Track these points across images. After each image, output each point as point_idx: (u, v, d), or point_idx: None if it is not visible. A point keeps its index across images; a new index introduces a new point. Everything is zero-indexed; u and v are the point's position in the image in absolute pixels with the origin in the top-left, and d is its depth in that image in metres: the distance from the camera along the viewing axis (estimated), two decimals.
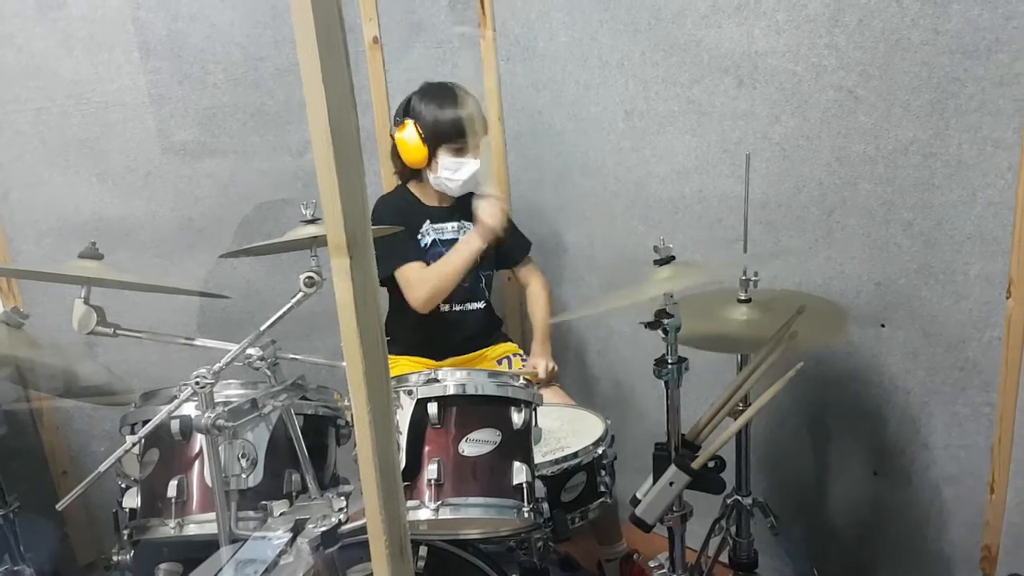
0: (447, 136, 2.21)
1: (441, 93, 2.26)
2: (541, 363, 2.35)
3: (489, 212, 2.22)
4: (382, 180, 2.72)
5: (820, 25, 1.86)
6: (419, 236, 2.34)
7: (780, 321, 1.68)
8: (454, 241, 2.35)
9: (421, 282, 2.24)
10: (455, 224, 2.38)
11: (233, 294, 2.40)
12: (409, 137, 2.23)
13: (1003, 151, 1.68)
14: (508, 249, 2.50)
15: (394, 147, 2.31)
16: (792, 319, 1.66)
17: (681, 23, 2.11)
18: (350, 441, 1.76)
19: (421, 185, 2.37)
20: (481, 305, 2.45)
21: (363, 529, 0.83)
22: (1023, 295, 1.72)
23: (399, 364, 2.36)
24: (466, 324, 2.42)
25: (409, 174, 2.36)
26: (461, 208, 2.39)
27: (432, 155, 2.24)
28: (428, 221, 2.35)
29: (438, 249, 2.34)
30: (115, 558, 1.56)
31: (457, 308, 2.40)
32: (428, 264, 2.31)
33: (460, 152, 2.23)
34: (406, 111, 2.27)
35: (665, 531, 1.72)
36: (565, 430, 2.00)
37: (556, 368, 2.39)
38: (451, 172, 2.24)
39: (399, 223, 2.23)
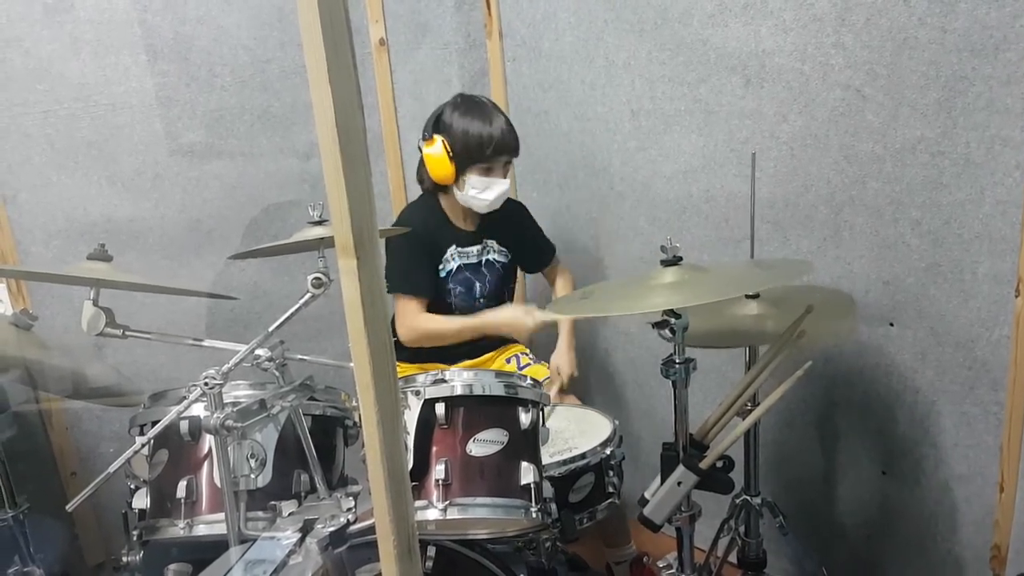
0: (476, 157, 2.15)
1: (473, 110, 2.19)
2: (565, 368, 2.29)
3: (519, 326, 2.20)
4: (388, 181, 2.73)
5: (827, 24, 1.86)
6: (443, 262, 2.29)
7: (788, 318, 1.68)
8: (477, 265, 2.33)
9: (415, 328, 2.23)
10: (478, 247, 2.34)
11: (241, 295, 2.41)
12: (437, 154, 2.16)
13: (1011, 149, 1.67)
14: (534, 255, 2.49)
15: (421, 161, 2.25)
16: (800, 319, 1.65)
17: (687, 22, 2.11)
18: (358, 441, 1.76)
19: (448, 197, 2.30)
20: (507, 306, 2.39)
21: (371, 529, 0.83)
22: None
23: (409, 373, 2.34)
24: (485, 337, 2.36)
25: (434, 187, 2.28)
26: (485, 228, 2.35)
27: (460, 173, 2.18)
28: (454, 245, 2.30)
29: (463, 275, 2.31)
30: (124, 559, 1.57)
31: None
32: (449, 291, 2.30)
33: (489, 172, 2.19)
34: (436, 125, 2.20)
35: (673, 531, 1.72)
36: (573, 430, 2.00)
37: (576, 375, 2.32)
38: (478, 191, 2.18)
39: (425, 242, 2.22)
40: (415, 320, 2.23)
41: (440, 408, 1.51)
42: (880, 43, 1.79)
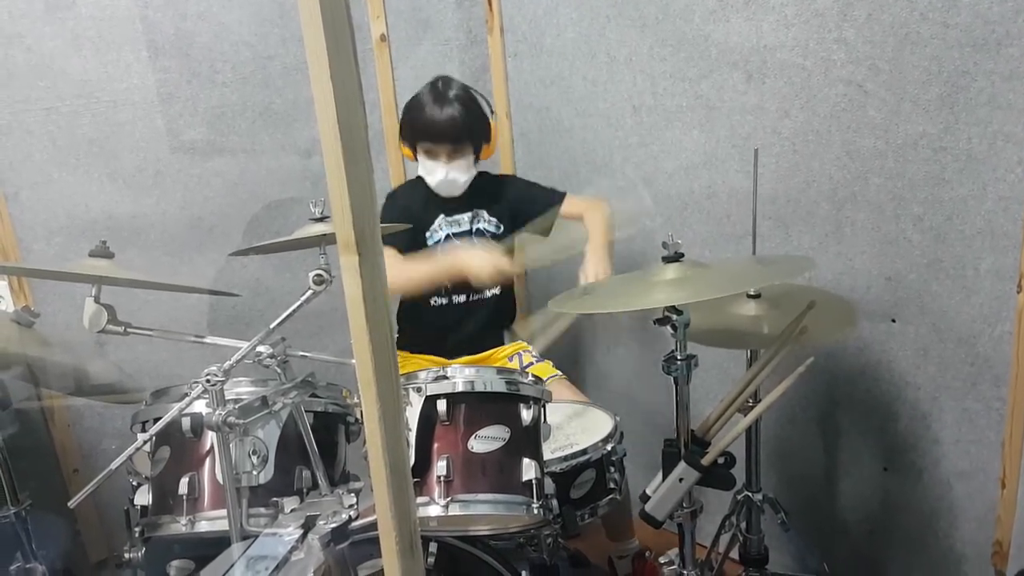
0: (415, 136, 2.19)
1: (428, 93, 2.18)
2: (591, 268, 2.07)
3: (479, 268, 2.07)
4: (390, 178, 2.73)
5: (829, 19, 1.85)
6: (431, 232, 2.28)
7: (789, 317, 1.68)
8: (468, 233, 2.31)
9: (388, 269, 2.19)
10: (469, 215, 2.32)
11: (243, 292, 2.41)
12: (400, 133, 2.26)
13: (1013, 145, 1.67)
14: (535, 208, 2.35)
15: None
16: (802, 315, 1.65)
17: (689, 18, 2.11)
18: (360, 438, 1.76)
19: None
20: (498, 291, 2.36)
21: (373, 525, 0.83)
22: None
23: (409, 362, 2.35)
24: (482, 313, 2.34)
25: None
26: (475, 195, 2.31)
27: (414, 152, 2.22)
28: (442, 215, 2.29)
29: (452, 244, 2.29)
30: (127, 555, 1.57)
31: (475, 297, 2.33)
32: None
33: (430, 155, 2.18)
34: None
35: (675, 527, 1.72)
36: (574, 427, 2.00)
37: (608, 272, 2.08)
38: (427, 173, 2.21)
39: (410, 216, 2.20)
40: (391, 263, 2.15)
41: (442, 405, 1.51)
42: (882, 38, 1.79)
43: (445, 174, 2.18)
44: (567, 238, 2.13)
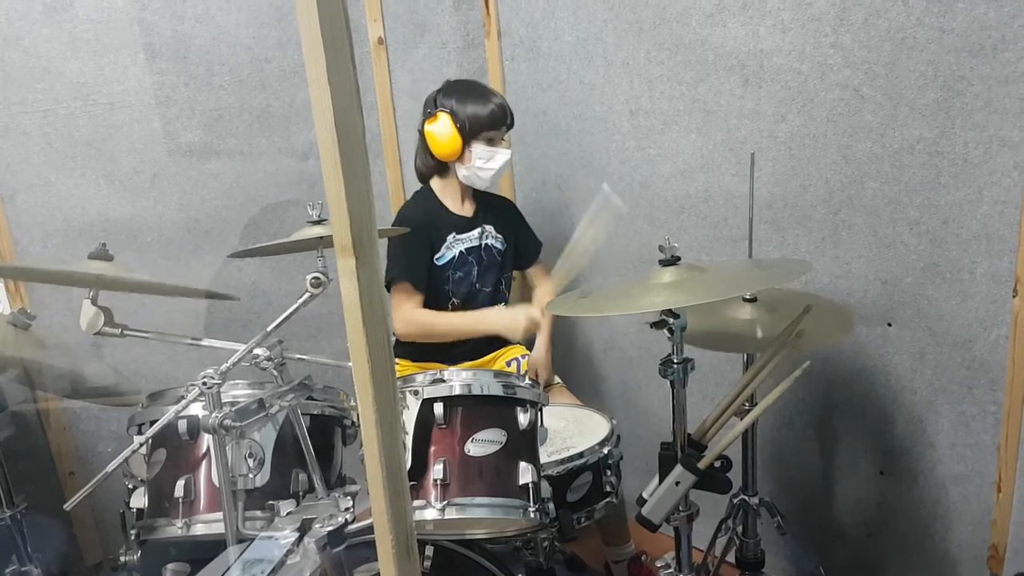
0: (484, 126, 2.21)
1: (471, 87, 2.29)
2: (543, 373, 2.35)
3: (512, 327, 2.23)
4: (387, 181, 2.73)
5: (825, 24, 1.86)
6: (443, 250, 2.31)
7: (786, 320, 1.68)
8: (477, 248, 2.35)
9: (411, 321, 2.26)
10: (478, 231, 2.36)
11: (240, 295, 2.41)
12: (443, 129, 2.19)
13: (1009, 149, 1.68)
14: (524, 249, 2.51)
15: (422, 142, 2.28)
16: (798, 319, 1.65)
17: (686, 22, 2.11)
18: (356, 441, 1.76)
19: (444, 183, 2.34)
20: (502, 308, 2.41)
21: (370, 529, 0.83)
22: None
23: (409, 371, 2.34)
24: (482, 337, 2.36)
25: (433, 171, 2.33)
26: (482, 213, 2.38)
27: (466, 146, 2.22)
28: (454, 233, 2.32)
29: (465, 259, 2.33)
30: (122, 558, 1.57)
31: None
32: (447, 277, 2.31)
33: (493, 142, 2.24)
34: (435, 104, 2.24)
35: (671, 531, 1.72)
36: (571, 430, 2.00)
37: (554, 381, 2.39)
38: (484, 162, 2.23)
39: (425, 233, 2.25)
40: (412, 313, 2.25)
41: (439, 408, 1.51)
42: (878, 43, 1.79)
43: (507, 156, 2.27)
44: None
